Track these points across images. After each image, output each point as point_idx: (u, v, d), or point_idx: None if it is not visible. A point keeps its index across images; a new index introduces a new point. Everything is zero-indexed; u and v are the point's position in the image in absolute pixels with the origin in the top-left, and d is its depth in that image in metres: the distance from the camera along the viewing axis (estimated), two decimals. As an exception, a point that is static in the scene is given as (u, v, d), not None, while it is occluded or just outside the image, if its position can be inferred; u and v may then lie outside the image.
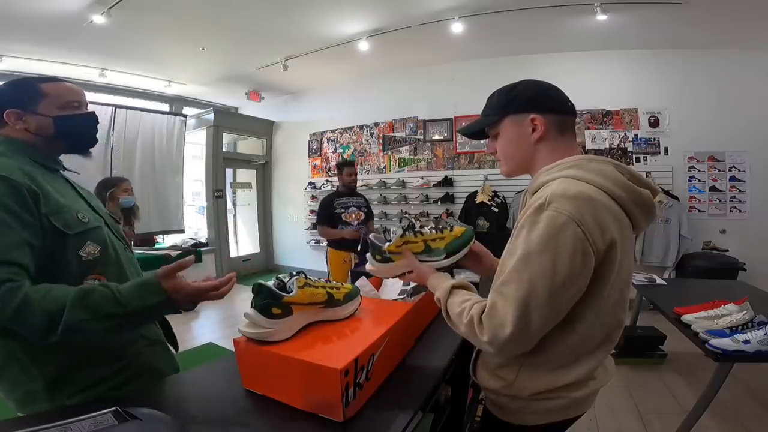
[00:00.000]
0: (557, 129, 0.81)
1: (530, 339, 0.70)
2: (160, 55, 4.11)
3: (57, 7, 3.00)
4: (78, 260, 0.81)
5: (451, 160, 4.66)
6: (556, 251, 0.66)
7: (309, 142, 5.74)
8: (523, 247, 0.70)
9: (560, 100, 0.83)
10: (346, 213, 3.28)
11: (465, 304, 0.77)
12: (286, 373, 0.72)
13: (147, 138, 4.58)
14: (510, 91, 0.84)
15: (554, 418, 0.82)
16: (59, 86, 0.89)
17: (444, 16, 3.38)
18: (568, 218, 0.66)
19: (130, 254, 1.00)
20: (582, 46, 3.91)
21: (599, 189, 0.71)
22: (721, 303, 1.90)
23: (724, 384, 1.66)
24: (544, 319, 0.68)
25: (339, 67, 4.66)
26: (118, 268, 0.90)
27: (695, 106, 3.78)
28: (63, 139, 0.90)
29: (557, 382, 0.77)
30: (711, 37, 3.51)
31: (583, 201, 0.68)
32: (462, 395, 1.24)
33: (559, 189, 0.70)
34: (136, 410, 0.53)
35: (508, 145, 0.85)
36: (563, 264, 0.66)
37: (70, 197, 0.87)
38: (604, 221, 0.68)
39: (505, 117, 0.83)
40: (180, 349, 1.12)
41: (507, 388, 0.81)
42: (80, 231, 0.82)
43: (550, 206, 0.68)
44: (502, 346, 0.69)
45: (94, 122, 0.96)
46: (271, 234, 6.34)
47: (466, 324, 0.74)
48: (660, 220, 3.68)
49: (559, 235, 0.66)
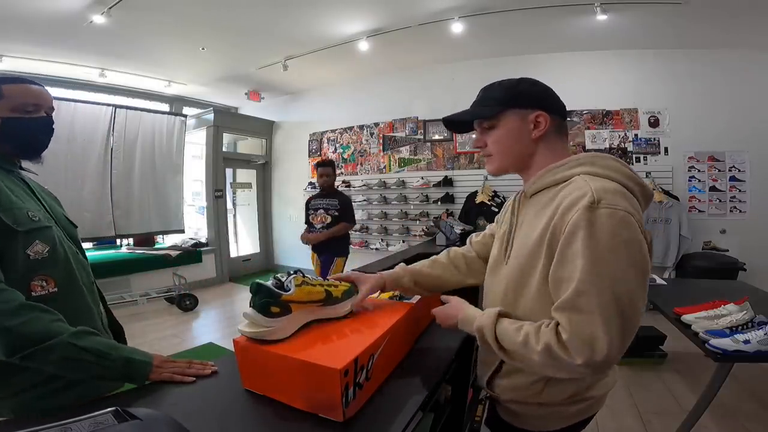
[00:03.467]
0: (556, 130, 0.81)
1: (627, 345, 0.64)
2: (160, 55, 4.11)
3: (57, 7, 3.00)
4: (25, 259, 0.80)
5: (451, 160, 4.67)
6: (629, 247, 0.63)
7: (309, 142, 5.74)
8: (588, 250, 0.63)
9: (561, 103, 0.83)
10: (314, 215, 3.27)
11: (525, 330, 0.69)
12: (286, 373, 0.72)
13: (147, 138, 4.58)
14: (516, 85, 0.81)
15: (573, 421, 0.82)
16: (19, 88, 0.88)
17: (444, 16, 3.38)
18: (625, 212, 0.64)
19: (83, 258, 0.98)
20: (582, 46, 3.91)
21: (619, 184, 0.70)
22: (721, 303, 1.90)
23: (724, 384, 1.66)
24: (637, 319, 0.64)
25: (339, 67, 4.67)
26: (67, 271, 0.88)
27: (695, 106, 3.78)
28: (8, 142, 0.88)
29: (582, 383, 0.77)
30: (711, 36, 3.50)
31: (623, 195, 0.67)
32: (462, 395, 1.23)
33: (599, 185, 0.67)
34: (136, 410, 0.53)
35: (505, 138, 0.81)
36: (637, 258, 0.64)
37: (22, 196, 0.86)
38: (641, 214, 0.69)
39: (507, 110, 0.80)
40: (180, 349, 1.12)
41: (535, 397, 0.80)
42: (29, 229, 0.81)
43: (602, 202, 0.64)
44: (601, 364, 0.62)
45: (45, 128, 0.93)
46: (271, 234, 6.34)
47: (542, 353, 0.65)
48: (660, 220, 3.68)
49: (625, 230, 0.64)
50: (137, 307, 4.04)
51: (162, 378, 0.82)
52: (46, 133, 0.94)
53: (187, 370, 0.85)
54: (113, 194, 4.24)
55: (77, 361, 0.75)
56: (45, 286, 0.82)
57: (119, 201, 4.29)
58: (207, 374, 0.86)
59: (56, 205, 1.00)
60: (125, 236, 4.66)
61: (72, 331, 0.76)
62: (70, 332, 0.75)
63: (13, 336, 0.70)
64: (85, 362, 0.76)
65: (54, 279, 0.83)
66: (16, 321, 0.70)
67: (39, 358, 0.72)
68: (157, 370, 0.83)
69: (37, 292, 0.80)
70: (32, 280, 0.80)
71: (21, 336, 0.70)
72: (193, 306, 4.20)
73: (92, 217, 4.03)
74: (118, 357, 0.79)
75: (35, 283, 0.80)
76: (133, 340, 1.07)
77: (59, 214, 0.97)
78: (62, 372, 0.77)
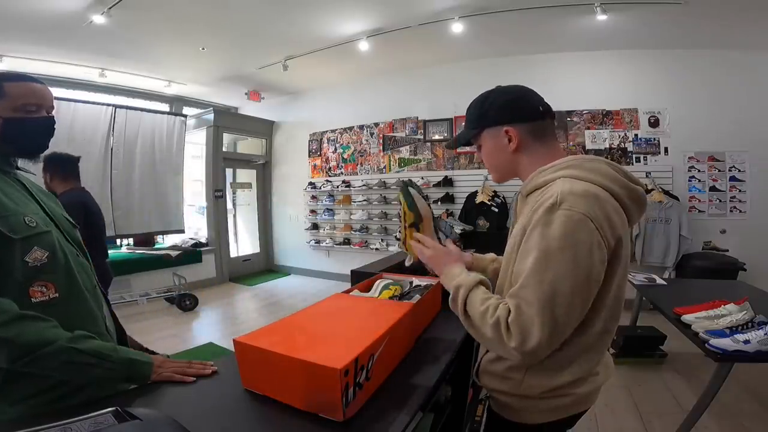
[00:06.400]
0: (532, 136, 0.82)
1: (557, 341, 0.69)
2: (160, 55, 4.11)
3: (57, 7, 3.00)
4: (24, 266, 0.78)
5: (451, 160, 4.67)
6: (576, 248, 0.67)
7: (309, 142, 5.74)
8: (539, 247, 0.69)
9: (531, 106, 0.83)
10: None
11: (488, 303, 0.74)
12: (286, 373, 0.72)
13: (147, 138, 4.58)
14: (482, 103, 0.85)
15: (560, 416, 0.83)
16: (22, 86, 0.86)
17: (444, 17, 3.38)
18: (583, 216, 0.67)
19: (84, 261, 0.95)
20: (582, 46, 3.90)
21: (600, 186, 0.72)
22: (721, 303, 1.90)
23: (724, 384, 1.66)
24: (570, 318, 0.68)
25: (339, 67, 4.67)
26: (68, 276, 0.86)
27: (695, 106, 3.77)
28: (9, 143, 0.85)
29: (563, 379, 0.78)
30: (711, 37, 3.50)
31: (591, 198, 0.69)
32: (462, 395, 1.24)
33: (566, 188, 0.71)
34: (136, 410, 0.53)
35: (489, 156, 0.88)
36: (584, 260, 0.67)
37: (18, 199, 0.84)
38: (611, 217, 0.70)
39: (482, 131, 0.86)
40: (180, 349, 1.12)
41: (515, 388, 0.82)
42: (27, 235, 0.79)
43: (563, 205, 0.68)
44: (531, 352, 0.67)
45: (47, 128, 0.91)
46: (271, 234, 6.34)
47: (492, 326, 0.70)
48: (660, 220, 3.68)
49: (577, 232, 0.67)
50: (137, 307, 4.04)
51: (162, 378, 0.82)
52: (48, 134, 0.92)
53: (188, 370, 0.85)
54: (113, 194, 4.24)
55: (79, 364, 0.75)
56: (45, 291, 0.80)
57: (119, 201, 4.29)
58: (207, 374, 0.86)
59: (55, 205, 0.98)
60: (125, 236, 4.66)
61: (70, 335, 0.76)
62: (68, 337, 0.75)
63: (12, 346, 0.70)
64: (88, 365, 0.76)
65: (54, 284, 0.82)
66: (12, 332, 0.70)
67: (41, 364, 0.72)
68: (157, 370, 0.83)
69: (37, 298, 0.79)
70: (31, 287, 0.79)
71: (20, 345, 0.70)
72: (193, 306, 4.20)
73: (92, 217, 4.03)
74: (120, 358, 0.79)
75: (35, 289, 0.79)
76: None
77: (58, 215, 0.95)
78: (66, 376, 0.78)
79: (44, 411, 0.78)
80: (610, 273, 0.72)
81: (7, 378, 0.77)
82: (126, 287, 4.13)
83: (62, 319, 0.78)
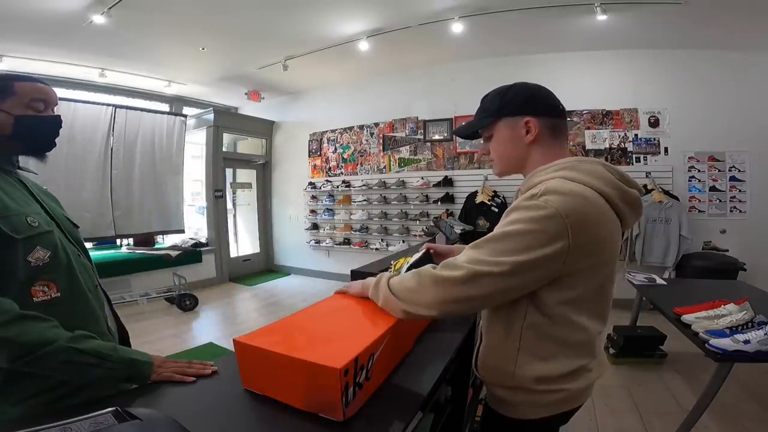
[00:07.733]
0: (550, 132, 0.84)
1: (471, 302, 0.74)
2: (160, 55, 4.11)
3: (57, 7, 3.00)
4: (26, 266, 0.78)
5: (451, 160, 4.67)
6: (534, 236, 0.69)
7: (309, 142, 5.74)
8: (505, 225, 0.74)
9: (552, 104, 0.85)
10: None
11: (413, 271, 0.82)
12: (286, 373, 0.71)
13: (147, 138, 4.58)
14: (504, 93, 0.86)
15: (554, 411, 0.84)
16: (29, 85, 0.87)
17: (444, 17, 3.38)
18: (555, 210, 0.69)
19: (86, 261, 0.96)
20: (582, 46, 3.91)
21: (591, 188, 0.74)
22: (721, 303, 1.90)
23: (724, 384, 1.66)
24: (494, 288, 0.72)
25: (339, 67, 4.67)
26: (70, 275, 0.86)
27: (695, 107, 3.78)
28: (19, 141, 0.86)
29: (553, 368, 0.80)
30: (711, 37, 3.50)
31: (573, 198, 0.71)
32: (462, 395, 1.24)
33: (552, 185, 0.73)
34: (136, 410, 0.53)
35: (501, 146, 0.88)
36: (535, 248, 0.69)
37: (20, 200, 0.84)
38: (590, 219, 0.71)
39: (499, 120, 0.87)
40: (180, 349, 1.12)
41: (509, 379, 0.83)
42: (29, 235, 0.79)
43: (542, 198, 0.71)
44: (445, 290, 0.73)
45: (56, 126, 0.92)
46: (271, 234, 6.34)
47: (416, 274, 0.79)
48: (660, 220, 3.68)
49: (542, 222, 0.69)
50: (137, 307, 4.04)
51: (162, 378, 0.82)
52: (56, 132, 0.93)
53: (188, 370, 0.85)
54: (113, 194, 4.24)
55: (79, 364, 0.75)
56: (47, 291, 0.81)
57: (119, 201, 4.29)
58: (207, 374, 0.86)
59: (56, 205, 0.98)
60: (125, 236, 4.66)
61: (70, 335, 0.76)
62: (68, 337, 0.75)
63: (12, 346, 0.70)
64: (88, 365, 0.76)
65: (56, 284, 0.82)
66: (13, 332, 0.70)
67: (41, 364, 0.72)
68: (157, 370, 0.83)
69: (39, 297, 0.79)
70: (33, 286, 0.79)
71: (20, 345, 0.70)
72: (193, 306, 4.20)
73: (92, 217, 4.03)
74: (120, 358, 0.79)
75: (36, 289, 0.79)
76: (134, 340, 1.08)
77: (60, 215, 0.95)
78: (66, 376, 0.77)
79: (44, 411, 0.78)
80: (588, 270, 0.74)
81: (8, 378, 0.77)
82: (126, 287, 4.13)
83: (63, 318, 0.78)
